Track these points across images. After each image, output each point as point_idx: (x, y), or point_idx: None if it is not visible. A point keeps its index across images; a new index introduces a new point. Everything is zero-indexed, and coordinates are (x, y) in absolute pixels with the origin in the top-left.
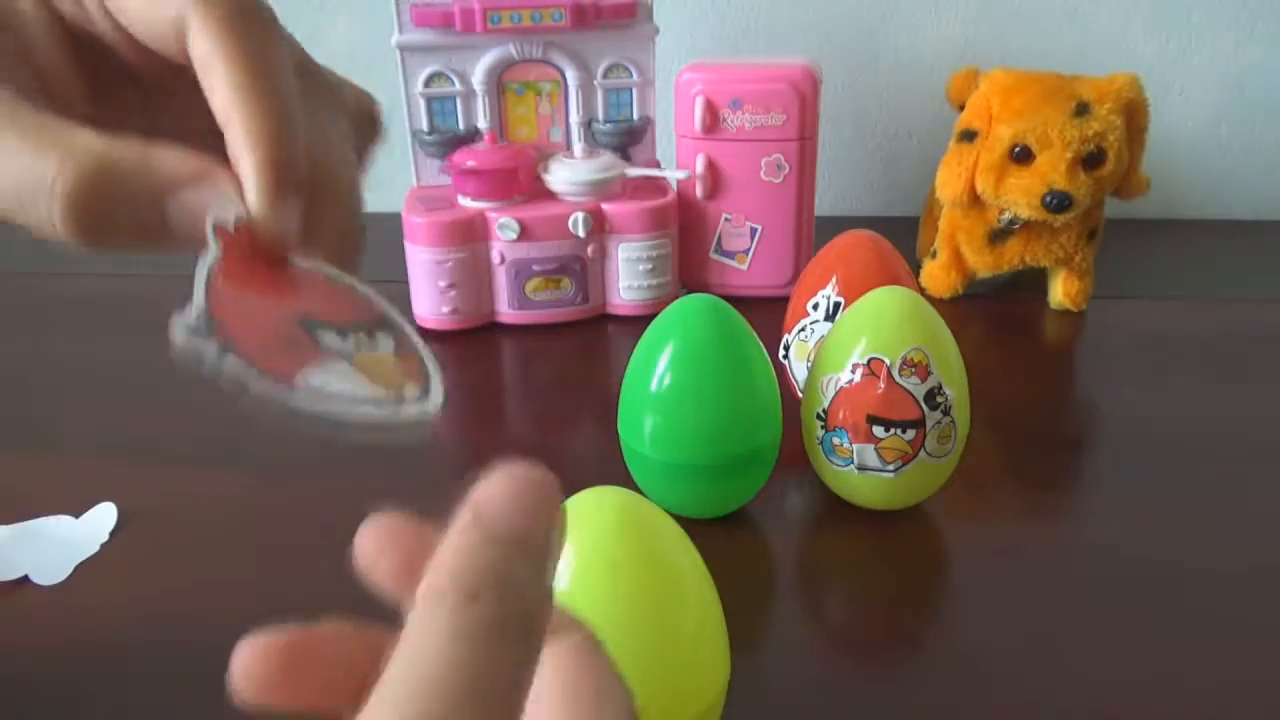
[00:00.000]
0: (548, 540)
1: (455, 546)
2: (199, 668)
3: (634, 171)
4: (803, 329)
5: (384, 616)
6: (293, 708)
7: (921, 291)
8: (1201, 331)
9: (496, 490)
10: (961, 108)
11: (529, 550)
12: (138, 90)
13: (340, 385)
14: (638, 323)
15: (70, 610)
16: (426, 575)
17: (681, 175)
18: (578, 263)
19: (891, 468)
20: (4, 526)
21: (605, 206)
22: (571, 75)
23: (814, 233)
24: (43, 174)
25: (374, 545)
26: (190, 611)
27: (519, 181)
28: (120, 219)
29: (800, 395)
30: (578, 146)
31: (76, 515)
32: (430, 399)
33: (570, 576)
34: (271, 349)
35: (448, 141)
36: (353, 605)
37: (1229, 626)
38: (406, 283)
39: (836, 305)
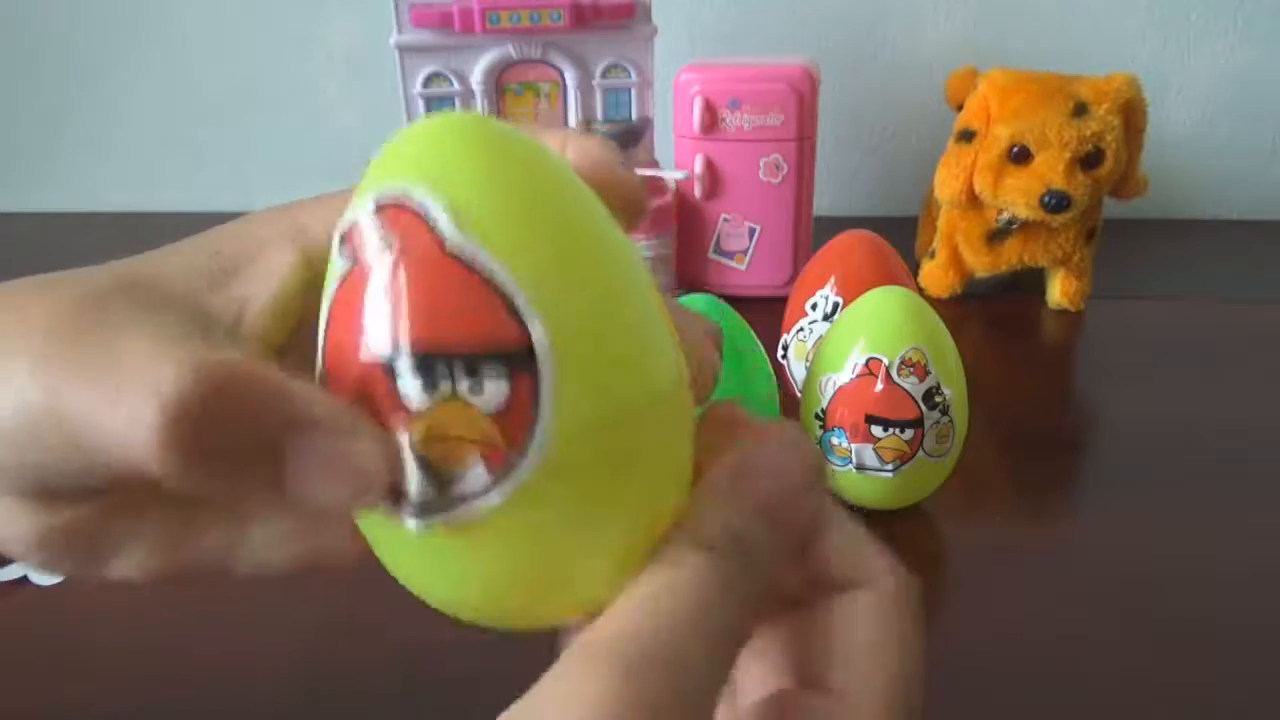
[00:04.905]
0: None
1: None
2: (200, 668)
3: None
4: (801, 329)
5: (383, 614)
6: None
7: (920, 291)
8: (1200, 331)
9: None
10: (960, 107)
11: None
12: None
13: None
14: None
15: (70, 610)
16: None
17: (680, 175)
18: None
19: (890, 467)
20: None
21: None
22: (570, 75)
23: (812, 233)
24: (154, 375)
25: None
26: (191, 611)
27: None
28: (229, 440)
29: (799, 395)
30: None
31: None
32: (494, 490)
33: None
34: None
35: None
36: (353, 602)
37: (1229, 626)
38: None
39: (835, 305)
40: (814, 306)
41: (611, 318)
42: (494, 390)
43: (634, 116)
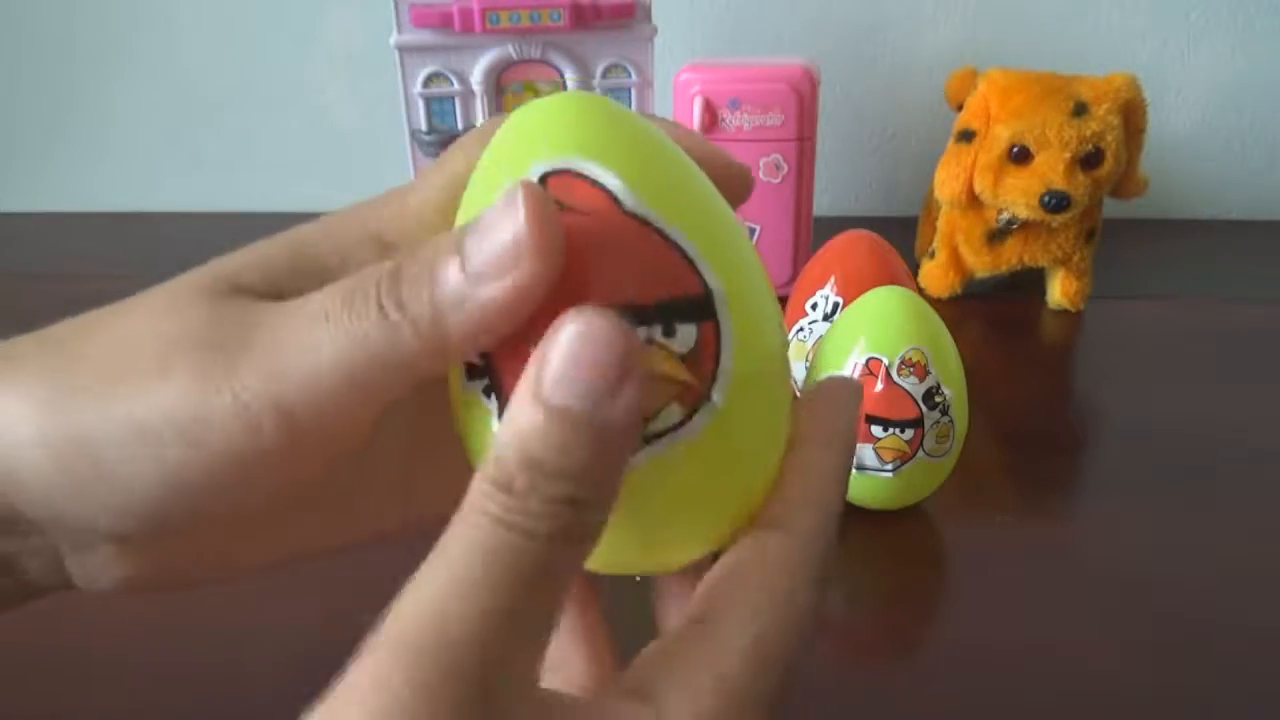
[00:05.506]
0: (629, 429)
1: (519, 425)
2: (201, 668)
3: None
4: (801, 329)
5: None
6: None
7: (920, 291)
8: (1200, 331)
9: (567, 356)
10: (960, 108)
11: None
12: None
13: None
14: None
15: (70, 610)
16: (492, 451)
17: None
18: None
19: (890, 467)
20: None
21: None
22: (570, 75)
23: (812, 233)
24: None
25: None
26: (191, 611)
27: None
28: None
29: (799, 395)
30: None
31: None
32: (691, 423)
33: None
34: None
35: (446, 142)
36: (354, 597)
37: (1229, 626)
38: None
39: (835, 305)
40: (814, 306)
41: (752, 278)
42: (684, 335)
43: None
